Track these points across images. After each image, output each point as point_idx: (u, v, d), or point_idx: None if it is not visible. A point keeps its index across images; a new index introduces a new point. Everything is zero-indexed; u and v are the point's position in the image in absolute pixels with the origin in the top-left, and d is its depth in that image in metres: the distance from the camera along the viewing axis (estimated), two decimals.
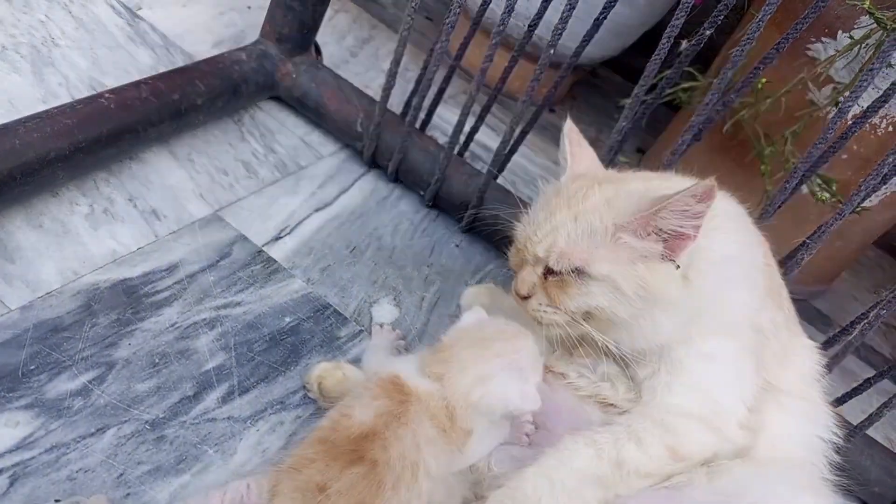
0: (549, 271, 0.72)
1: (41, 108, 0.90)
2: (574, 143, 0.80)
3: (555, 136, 1.61)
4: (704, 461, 0.68)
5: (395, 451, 0.64)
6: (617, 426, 0.69)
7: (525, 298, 0.73)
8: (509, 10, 0.98)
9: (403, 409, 0.67)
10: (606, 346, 0.71)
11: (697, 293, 0.70)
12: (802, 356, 0.78)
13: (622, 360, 0.72)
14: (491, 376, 0.69)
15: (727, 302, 0.73)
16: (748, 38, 0.86)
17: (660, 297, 0.69)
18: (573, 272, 0.70)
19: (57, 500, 0.67)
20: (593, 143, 0.82)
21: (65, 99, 1.03)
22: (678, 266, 0.68)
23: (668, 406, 0.70)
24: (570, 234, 0.70)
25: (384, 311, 1.00)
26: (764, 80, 1.12)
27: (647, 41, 1.30)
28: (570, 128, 0.81)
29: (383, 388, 0.69)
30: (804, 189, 1.21)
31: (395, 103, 1.32)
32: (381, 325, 0.96)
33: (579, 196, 0.73)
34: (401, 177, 1.20)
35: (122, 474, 0.72)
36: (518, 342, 0.72)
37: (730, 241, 0.75)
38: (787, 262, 0.94)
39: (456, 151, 1.17)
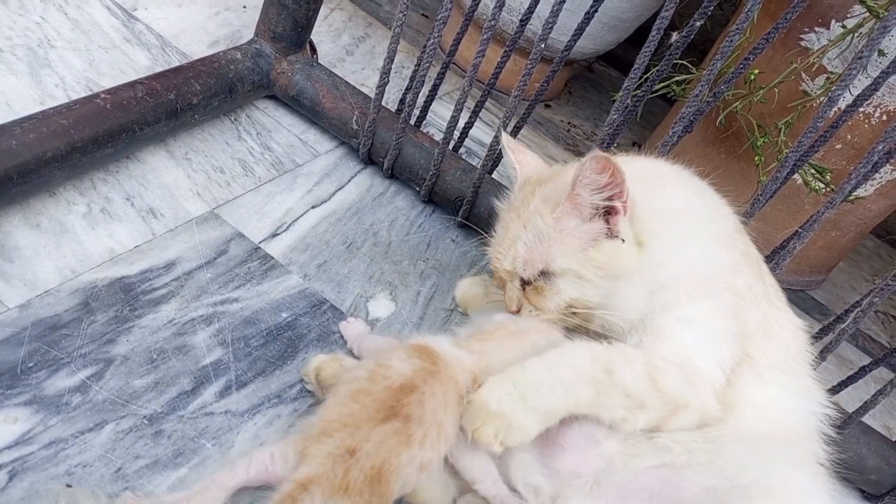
0: (524, 282, 0.77)
1: (38, 109, 0.91)
2: (516, 151, 0.85)
3: (550, 131, 1.62)
4: (676, 407, 0.69)
5: (429, 406, 0.66)
6: (610, 347, 0.71)
7: (518, 311, 0.78)
8: (500, 3, 0.98)
9: (437, 368, 0.69)
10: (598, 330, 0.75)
11: (656, 251, 0.73)
12: (788, 331, 0.79)
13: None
14: None
15: (695, 257, 0.75)
16: (737, 29, 0.86)
17: (620, 272, 0.72)
18: (541, 276, 0.75)
19: (69, 485, 0.68)
20: (589, 138, 0.83)
21: (62, 100, 1.03)
22: (623, 240, 0.72)
23: (649, 359, 0.72)
24: (525, 242, 0.75)
25: (380, 306, 1.01)
26: (756, 70, 1.13)
27: (644, 35, 1.30)
28: (507, 139, 0.85)
29: (415, 351, 0.71)
30: (798, 179, 1.21)
31: (391, 100, 1.33)
32: (348, 321, 0.95)
33: (524, 203, 0.77)
34: (396, 173, 1.20)
35: (120, 468, 0.72)
36: (550, 335, 0.77)
37: (677, 195, 0.78)
38: (779, 252, 0.94)
39: (451, 147, 1.18)
